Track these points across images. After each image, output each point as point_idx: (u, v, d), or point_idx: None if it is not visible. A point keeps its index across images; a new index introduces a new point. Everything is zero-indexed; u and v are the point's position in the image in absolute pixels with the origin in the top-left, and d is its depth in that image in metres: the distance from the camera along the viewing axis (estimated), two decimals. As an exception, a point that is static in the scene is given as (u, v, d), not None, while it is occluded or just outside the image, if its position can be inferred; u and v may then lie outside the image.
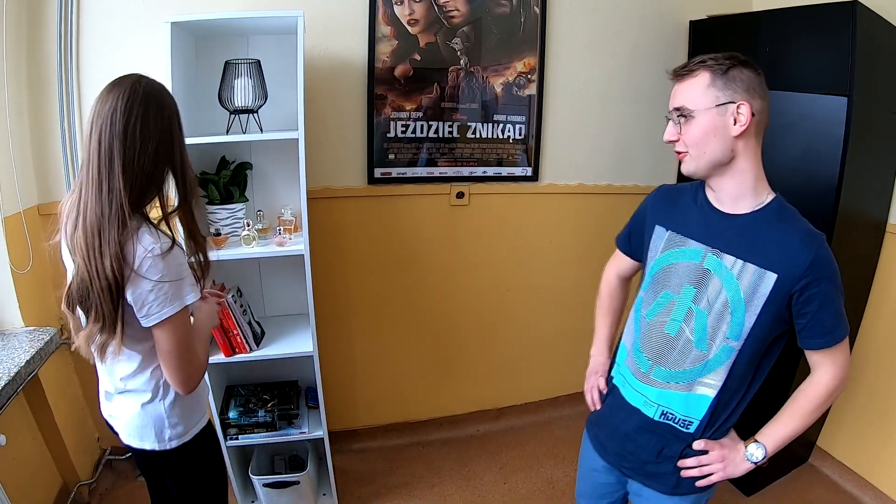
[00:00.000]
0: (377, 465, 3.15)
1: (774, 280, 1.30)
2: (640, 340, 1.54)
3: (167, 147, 1.40)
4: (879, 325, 2.84)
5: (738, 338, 1.37)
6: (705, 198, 1.45)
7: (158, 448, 1.62)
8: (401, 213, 2.98)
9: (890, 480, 2.84)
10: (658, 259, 1.52)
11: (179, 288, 1.41)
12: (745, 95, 1.28)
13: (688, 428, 1.46)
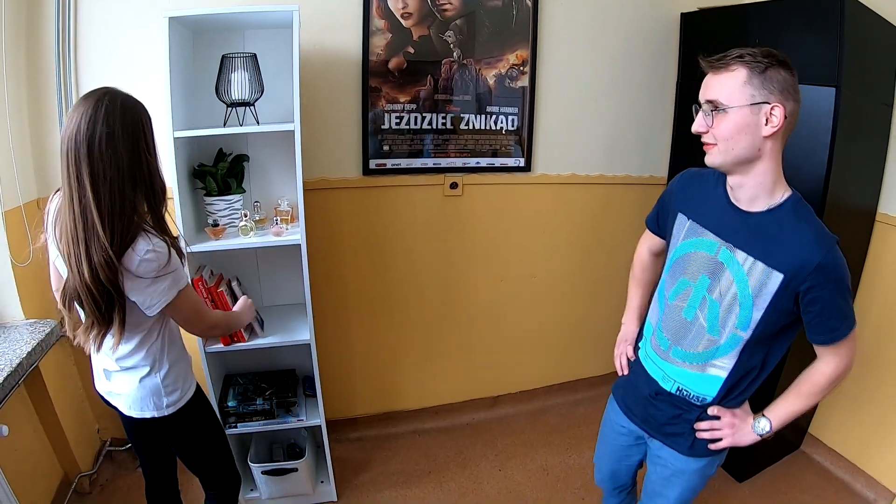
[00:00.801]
0: (374, 453, 3.21)
1: (781, 279, 1.37)
2: (663, 321, 1.67)
3: (134, 162, 1.47)
4: (869, 313, 2.88)
5: (746, 328, 1.45)
6: (724, 192, 1.51)
7: (158, 415, 1.79)
8: (396, 204, 3.03)
9: (880, 466, 2.90)
10: (679, 246, 1.61)
11: (176, 278, 1.60)
12: (780, 97, 1.31)
13: (701, 402, 1.60)
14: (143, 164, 1.50)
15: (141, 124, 1.50)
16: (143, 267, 1.51)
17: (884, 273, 2.83)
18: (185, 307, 1.69)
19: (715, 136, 1.37)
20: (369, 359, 3.30)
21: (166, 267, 1.55)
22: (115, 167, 1.44)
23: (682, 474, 1.71)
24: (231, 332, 2.24)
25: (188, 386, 1.88)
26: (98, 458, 2.93)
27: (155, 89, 2.30)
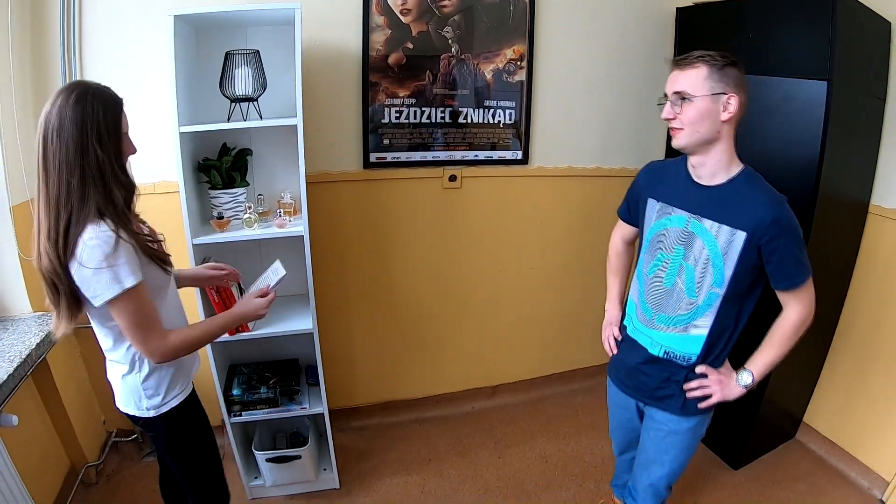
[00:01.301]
0: (375, 441, 3.29)
1: (744, 237, 1.65)
2: (645, 294, 1.92)
3: (81, 154, 1.47)
4: (862, 303, 2.96)
5: (721, 285, 1.72)
6: (687, 173, 1.80)
7: (138, 414, 1.80)
8: (396, 196, 3.09)
9: (874, 455, 2.95)
10: (653, 226, 1.89)
11: (116, 273, 1.51)
12: (735, 89, 1.62)
13: (688, 362, 1.85)
14: (90, 157, 1.48)
15: (93, 118, 1.48)
16: (86, 254, 1.49)
17: (877, 264, 2.87)
18: (125, 314, 1.58)
19: (682, 122, 1.65)
20: (370, 349, 3.36)
21: (110, 258, 1.50)
22: (62, 159, 1.46)
23: (676, 434, 1.94)
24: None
25: (174, 395, 1.84)
26: (104, 448, 3.01)
27: (159, 85, 2.43)
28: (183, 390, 1.88)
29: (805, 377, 3.24)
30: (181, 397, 1.86)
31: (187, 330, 1.76)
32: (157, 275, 1.69)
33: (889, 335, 2.84)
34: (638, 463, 2.13)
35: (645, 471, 2.08)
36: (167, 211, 2.38)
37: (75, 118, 1.46)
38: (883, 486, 2.89)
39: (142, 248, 1.61)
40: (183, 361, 1.87)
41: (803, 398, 3.32)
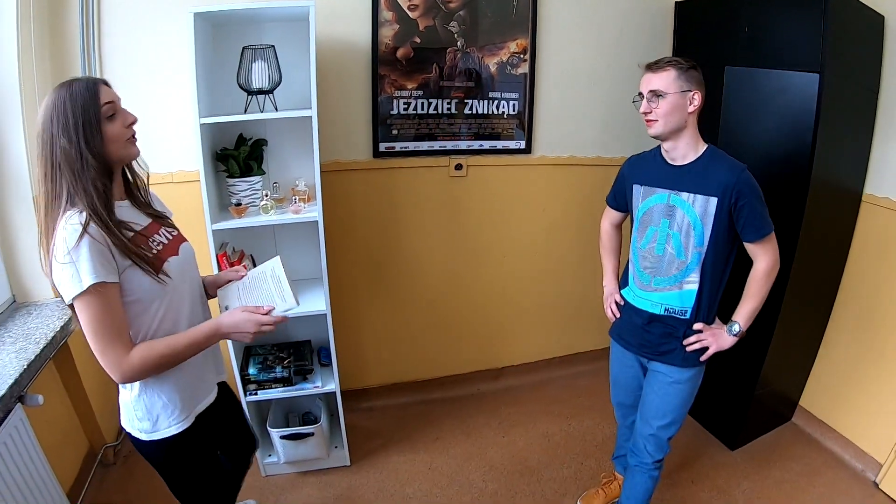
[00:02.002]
0: (384, 421, 3.43)
1: (716, 201, 1.99)
2: (640, 263, 2.24)
3: (49, 148, 1.45)
4: (856, 290, 3.06)
5: (702, 244, 2.05)
6: (662, 158, 2.15)
7: (129, 431, 1.73)
8: (404, 184, 3.22)
9: (869, 438, 3.04)
10: (640, 206, 2.20)
11: (77, 270, 1.42)
12: (698, 87, 1.98)
13: (684, 315, 2.16)
14: (56, 148, 1.46)
15: (57, 109, 1.45)
16: (56, 246, 1.45)
17: (870, 252, 2.97)
18: (82, 318, 1.49)
19: (657, 115, 1.99)
20: (379, 332, 3.48)
21: (73, 252, 1.42)
22: (40, 154, 1.47)
23: (678, 384, 2.23)
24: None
25: (168, 424, 1.71)
26: (121, 430, 3.02)
27: (176, 79, 2.54)
28: (180, 421, 1.73)
29: (800, 362, 3.32)
30: (176, 429, 1.72)
31: (153, 344, 1.58)
32: (145, 281, 1.56)
33: (882, 322, 2.93)
34: (640, 416, 2.36)
35: (647, 423, 2.31)
36: (184, 199, 2.47)
37: (44, 114, 1.47)
38: (876, 468, 2.97)
39: (120, 249, 1.50)
40: (181, 389, 1.75)
41: (799, 382, 3.40)
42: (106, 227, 1.49)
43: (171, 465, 1.83)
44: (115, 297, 1.49)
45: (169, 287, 1.64)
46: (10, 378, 1.97)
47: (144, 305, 1.58)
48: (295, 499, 2.85)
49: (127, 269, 1.52)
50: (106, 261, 1.47)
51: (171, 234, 1.76)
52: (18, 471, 2.02)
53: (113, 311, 1.49)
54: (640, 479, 2.40)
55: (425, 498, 2.86)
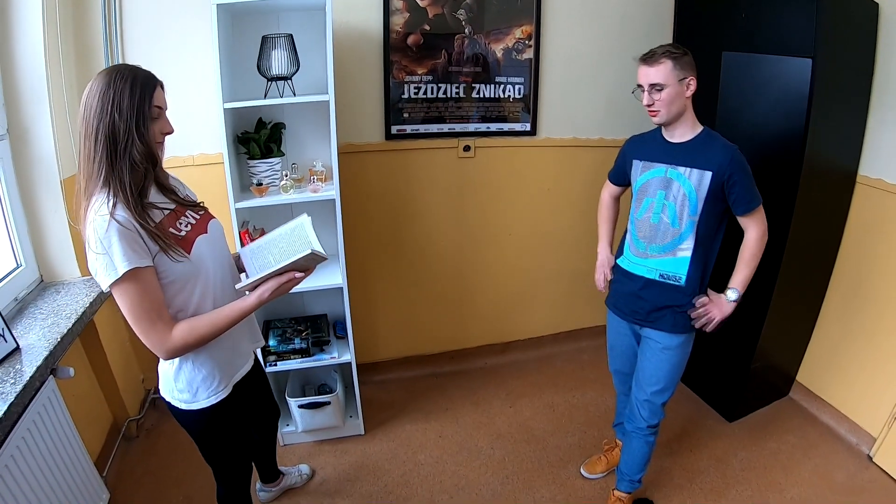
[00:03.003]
0: (396, 393, 3.62)
1: (710, 175, 2.15)
2: (637, 232, 2.40)
3: (98, 119, 1.52)
4: (850, 268, 3.18)
5: (695, 213, 2.21)
6: (662, 136, 2.31)
7: (169, 400, 1.86)
8: (415, 165, 3.38)
9: (863, 413, 3.17)
10: (639, 179, 2.37)
11: (111, 258, 1.49)
12: (692, 73, 2.13)
13: (678, 281, 2.31)
14: (105, 121, 1.52)
15: (117, 90, 1.52)
16: (90, 237, 1.53)
17: (864, 231, 3.08)
18: (122, 303, 1.58)
19: (659, 105, 2.15)
20: (391, 307, 3.66)
21: (105, 241, 1.50)
22: (85, 122, 1.53)
23: (669, 350, 2.41)
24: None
25: (206, 395, 1.84)
26: (143, 405, 3.28)
27: (195, 66, 2.71)
28: (218, 392, 1.86)
29: (797, 338, 3.44)
30: (214, 399, 1.85)
31: (192, 322, 1.68)
32: (178, 263, 1.64)
33: (875, 300, 3.05)
34: (635, 382, 2.55)
35: (641, 389, 2.50)
36: (205, 180, 2.58)
37: (101, 88, 1.52)
38: (871, 442, 3.10)
39: (149, 234, 1.57)
40: (221, 361, 1.87)
41: (795, 358, 3.52)
42: (135, 210, 1.55)
43: (207, 433, 1.97)
44: (150, 280, 1.58)
45: (201, 265, 1.73)
46: (45, 350, 2.10)
47: (180, 285, 1.68)
48: (313, 466, 3.01)
49: (158, 252, 1.59)
50: (138, 246, 1.54)
51: (198, 213, 1.83)
52: (52, 439, 2.15)
53: (150, 293, 1.58)
54: (637, 444, 2.60)
55: (436, 464, 3.05)
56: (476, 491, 2.89)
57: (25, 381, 1.94)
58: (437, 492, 2.88)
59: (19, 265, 2.53)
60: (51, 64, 2.46)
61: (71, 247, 2.65)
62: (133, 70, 1.58)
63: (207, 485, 2.40)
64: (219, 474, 2.15)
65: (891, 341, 2.99)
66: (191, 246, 1.71)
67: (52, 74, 2.47)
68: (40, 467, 2.07)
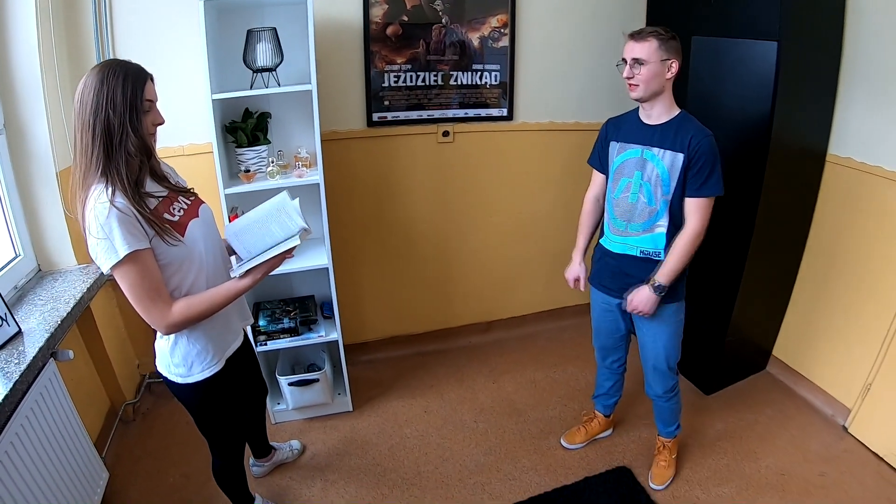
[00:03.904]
0: (383, 372, 3.79)
1: (682, 157, 2.28)
2: (614, 212, 2.53)
3: (94, 114, 1.62)
4: (822, 245, 3.31)
5: (669, 193, 2.35)
6: (638, 118, 2.44)
7: (166, 375, 2.01)
8: (396, 151, 3.51)
9: (838, 386, 3.31)
10: (615, 160, 2.49)
11: (112, 242, 1.62)
12: (676, 56, 2.25)
13: (658, 256, 2.45)
14: (101, 117, 1.62)
15: (110, 85, 1.62)
16: (90, 224, 1.64)
17: (835, 208, 3.19)
18: (124, 284, 1.70)
19: (638, 80, 2.26)
20: (377, 289, 3.81)
21: (105, 227, 1.61)
22: (81, 118, 1.63)
23: (662, 320, 2.57)
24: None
25: (200, 369, 1.97)
26: (139, 389, 3.44)
27: (184, 60, 2.83)
28: (211, 366, 2.00)
29: (771, 313, 3.58)
30: (208, 373, 1.99)
31: (190, 300, 1.82)
32: (170, 247, 1.77)
33: (847, 275, 3.18)
34: (643, 359, 2.77)
35: (648, 362, 2.74)
36: (195, 169, 2.63)
37: (95, 84, 1.62)
38: (845, 413, 3.23)
39: (145, 219, 1.70)
40: (214, 337, 2.01)
41: (771, 333, 3.66)
42: (133, 199, 1.67)
43: (203, 406, 2.11)
44: (149, 262, 1.71)
45: (195, 247, 1.87)
46: (46, 333, 2.23)
47: (176, 266, 1.81)
48: (304, 442, 3.18)
49: (154, 236, 1.72)
50: (136, 230, 1.66)
51: (189, 199, 1.97)
52: (53, 419, 2.26)
53: (150, 274, 1.72)
54: (662, 408, 2.88)
55: (422, 437, 3.22)
56: (460, 462, 3.06)
57: (29, 361, 2.06)
58: (422, 463, 3.05)
59: (18, 255, 2.64)
60: (45, 61, 2.56)
61: (67, 236, 2.77)
62: (124, 65, 1.68)
63: (204, 463, 2.56)
64: (214, 446, 2.29)
65: (863, 315, 3.12)
66: (184, 229, 1.84)
67: (47, 71, 2.58)
68: (43, 446, 2.17)
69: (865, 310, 3.12)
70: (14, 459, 1.98)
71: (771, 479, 2.93)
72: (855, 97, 3.02)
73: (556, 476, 2.97)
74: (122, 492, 2.79)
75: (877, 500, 2.80)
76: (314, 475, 2.99)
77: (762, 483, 2.91)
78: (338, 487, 2.90)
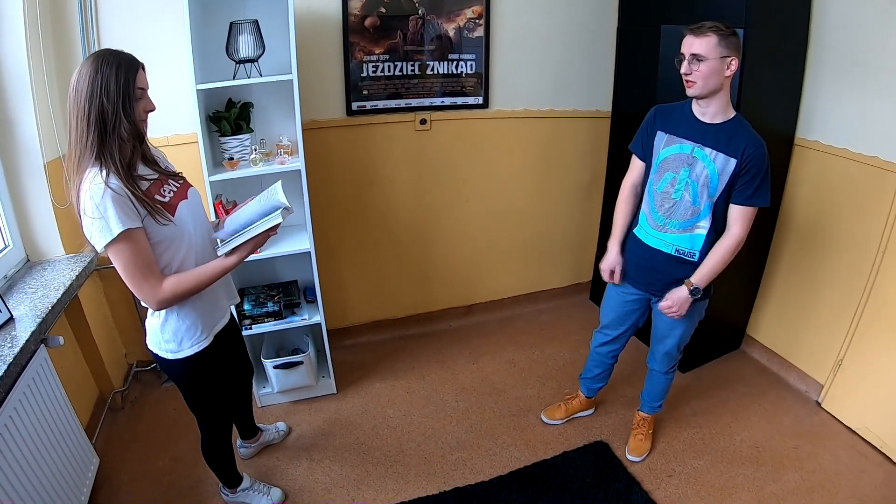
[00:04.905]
0: (366, 355, 3.93)
1: (735, 163, 2.29)
2: (655, 205, 2.54)
3: (89, 103, 1.72)
4: (791, 226, 3.46)
5: (715, 195, 2.36)
6: (692, 113, 2.41)
7: (156, 352, 2.11)
8: (375, 139, 3.62)
9: (811, 362, 3.47)
10: (662, 152, 2.49)
11: (107, 221, 1.72)
12: (736, 53, 2.22)
13: (693, 257, 2.49)
14: (95, 105, 1.71)
15: (104, 74, 1.72)
16: (85, 204, 1.73)
17: (804, 190, 3.34)
18: (117, 261, 1.80)
19: (696, 77, 2.25)
20: (358, 274, 3.94)
21: (101, 206, 1.71)
22: (76, 107, 1.73)
23: (683, 317, 2.59)
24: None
25: (190, 344, 2.09)
26: (127, 378, 3.50)
27: (168, 52, 2.89)
28: (200, 341, 2.11)
29: (745, 294, 3.74)
30: (198, 347, 2.10)
31: (180, 277, 1.93)
32: (161, 226, 1.87)
33: (817, 254, 3.33)
34: (653, 338, 2.88)
35: (660, 343, 2.84)
36: (180, 159, 2.55)
37: (90, 73, 1.70)
38: (819, 389, 3.39)
39: (138, 199, 1.79)
40: (202, 313, 2.11)
41: (745, 312, 3.82)
42: (126, 180, 1.76)
43: (192, 381, 2.22)
44: (142, 240, 1.81)
45: (184, 227, 1.97)
46: (37, 318, 2.31)
47: (166, 245, 1.91)
48: (289, 423, 3.29)
49: (146, 216, 1.81)
50: (129, 210, 1.75)
51: (178, 182, 2.07)
52: (44, 404, 2.34)
53: (142, 251, 1.81)
54: (658, 380, 2.99)
55: (404, 417, 3.36)
56: (442, 439, 3.21)
57: (21, 345, 2.15)
58: (405, 441, 3.19)
59: (7, 245, 2.72)
60: (32, 55, 2.63)
61: (55, 227, 2.85)
62: (117, 55, 1.77)
63: (192, 448, 2.69)
64: (203, 422, 2.40)
65: (834, 292, 3.28)
66: (174, 210, 1.94)
67: (34, 65, 2.66)
68: (36, 430, 2.26)
69: (835, 287, 3.27)
70: (8, 443, 2.06)
71: (745, 452, 3.07)
72: (822, 83, 3.16)
73: (536, 451, 3.11)
74: (112, 476, 2.89)
75: (849, 471, 2.96)
76: (300, 455, 3.10)
77: (737, 456, 3.05)
78: (323, 466, 3.02)
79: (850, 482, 2.89)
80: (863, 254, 3.09)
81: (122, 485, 2.87)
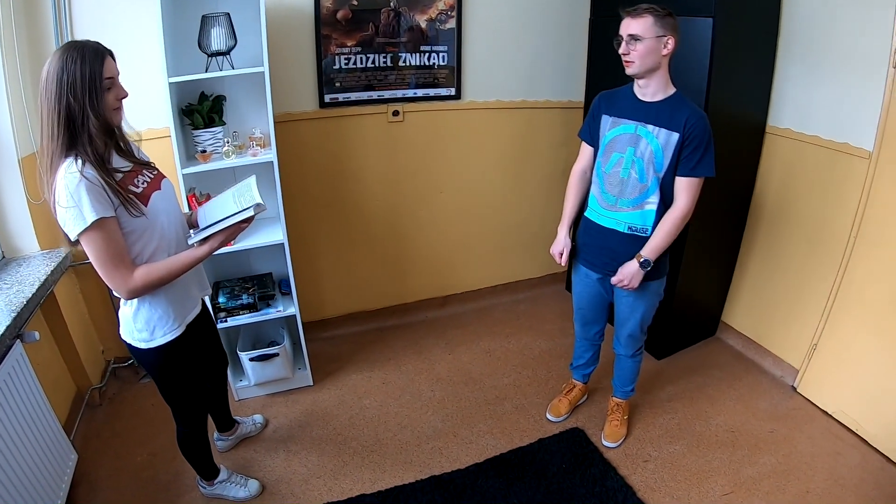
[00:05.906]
0: (342, 347, 4.00)
1: (677, 137, 2.38)
2: (605, 186, 2.63)
3: (57, 101, 1.74)
4: (763, 213, 3.54)
5: (661, 171, 2.46)
6: (633, 94, 2.52)
7: (129, 342, 2.15)
8: (348, 131, 3.68)
9: (784, 347, 3.57)
10: (608, 134, 2.60)
11: (81, 210, 1.75)
12: (672, 33, 2.32)
13: (645, 233, 2.56)
14: (64, 103, 1.74)
15: (69, 69, 1.73)
16: (58, 193, 1.76)
17: (775, 177, 3.44)
18: (90, 249, 1.84)
19: (634, 56, 2.34)
20: (334, 266, 3.99)
21: (74, 196, 1.74)
22: (45, 104, 1.75)
23: (643, 296, 2.75)
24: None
25: (162, 333, 2.13)
26: (105, 374, 3.53)
27: (141, 45, 2.92)
28: (173, 330, 2.15)
29: (719, 281, 3.82)
30: (170, 336, 2.14)
31: (151, 267, 1.97)
32: (134, 217, 1.90)
33: (788, 240, 3.42)
34: (617, 322, 2.95)
35: (623, 326, 2.92)
36: (154, 153, 2.45)
37: (56, 70, 1.71)
38: (794, 373, 3.47)
39: (112, 189, 1.82)
40: (174, 303, 2.15)
41: (719, 300, 3.91)
42: (102, 171, 1.80)
43: (164, 370, 2.26)
44: (114, 229, 1.84)
45: (157, 217, 2.01)
46: (13, 313, 2.34)
47: (139, 234, 1.95)
48: (266, 416, 3.35)
49: (119, 206, 1.84)
50: (103, 199, 1.79)
51: (152, 173, 2.10)
52: (21, 400, 2.36)
53: (114, 240, 1.85)
54: (626, 364, 3.09)
55: (381, 407, 3.43)
56: (418, 428, 3.28)
57: None
58: (381, 431, 3.26)
59: None
60: (5, 50, 2.65)
61: (30, 223, 2.88)
62: (82, 47, 1.78)
63: (170, 442, 2.71)
64: (177, 413, 2.45)
65: (807, 278, 3.37)
66: (147, 200, 1.98)
67: (7, 60, 2.68)
68: (13, 426, 2.28)
69: (809, 272, 3.36)
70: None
71: (721, 437, 3.16)
72: (791, 71, 3.24)
73: (512, 439, 3.18)
74: (91, 472, 2.93)
75: (825, 453, 3.04)
76: (277, 447, 3.16)
77: (713, 440, 3.14)
78: (301, 457, 3.08)
79: (826, 464, 2.97)
80: (835, 238, 3.17)
81: (101, 480, 2.90)
